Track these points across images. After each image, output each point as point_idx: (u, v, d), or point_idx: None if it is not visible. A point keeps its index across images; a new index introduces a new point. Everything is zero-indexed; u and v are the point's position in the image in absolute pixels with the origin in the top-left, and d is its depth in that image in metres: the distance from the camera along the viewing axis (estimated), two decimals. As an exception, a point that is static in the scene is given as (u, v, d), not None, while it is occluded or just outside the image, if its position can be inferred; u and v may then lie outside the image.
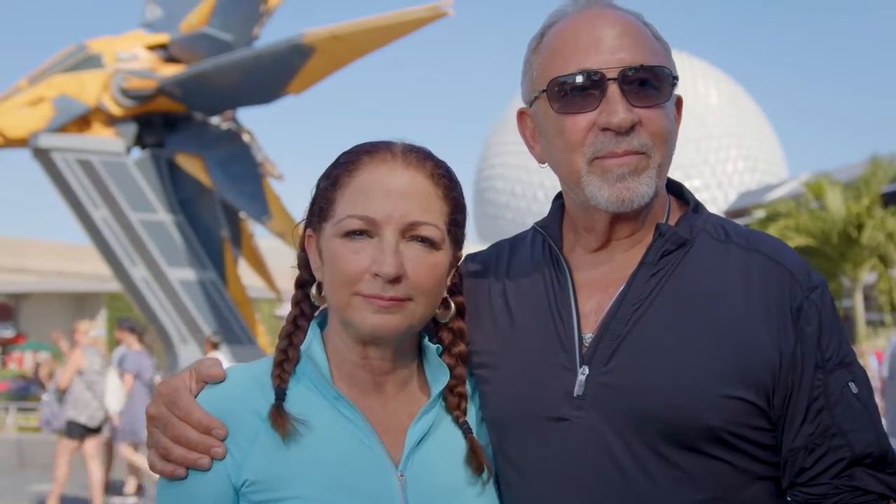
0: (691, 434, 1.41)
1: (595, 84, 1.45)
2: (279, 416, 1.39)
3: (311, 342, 1.47)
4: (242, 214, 18.45)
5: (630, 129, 1.45)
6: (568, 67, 1.47)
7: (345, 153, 1.50)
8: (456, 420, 1.51)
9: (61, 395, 10.03)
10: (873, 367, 9.95)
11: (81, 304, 37.17)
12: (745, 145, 63.95)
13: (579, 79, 1.46)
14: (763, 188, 46.50)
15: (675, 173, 1.64)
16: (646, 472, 1.41)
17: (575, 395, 1.46)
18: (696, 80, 65.02)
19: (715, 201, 57.20)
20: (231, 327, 16.91)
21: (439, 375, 1.50)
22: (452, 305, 1.53)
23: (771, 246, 1.52)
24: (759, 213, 29.47)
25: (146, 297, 17.44)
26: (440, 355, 1.51)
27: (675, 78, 1.50)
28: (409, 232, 1.43)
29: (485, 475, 1.49)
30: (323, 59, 15.81)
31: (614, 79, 1.45)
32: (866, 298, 28.68)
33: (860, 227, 25.21)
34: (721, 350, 1.42)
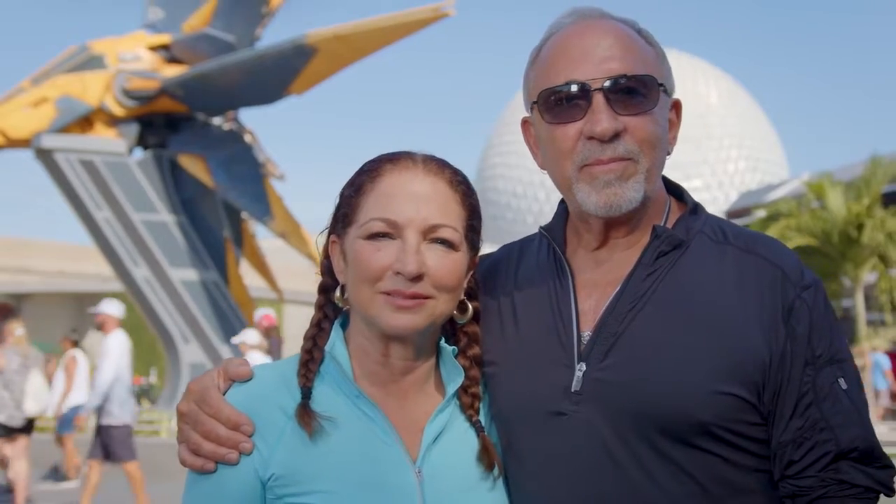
0: (684, 429, 1.44)
1: (582, 94, 1.51)
2: (306, 414, 1.44)
3: (335, 342, 1.53)
4: (244, 215, 18.50)
5: (615, 136, 1.50)
6: (558, 79, 1.53)
7: (368, 162, 1.57)
8: (469, 419, 1.56)
9: None
10: (884, 365, 10.00)
11: (83, 304, 37.13)
12: (746, 145, 63.97)
13: (566, 90, 1.52)
14: (764, 188, 46.52)
15: (674, 173, 1.69)
16: (641, 465, 1.46)
17: (573, 390, 1.51)
18: (696, 80, 65.00)
19: (716, 201, 57.20)
20: (233, 327, 16.95)
21: (454, 376, 1.55)
22: (469, 308, 1.59)
23: (768, 247, 1.56)
24: (760, 213, 29.52)
25: (148, 298, 17.48)
26: (455, 357, 1.57)
27: (662, 84, 1.55)
28: (430, 234, 1.49)
29: (495, 472, 1.54)
30: (325, 60, 15.86)
31: (599, 89, 1.50)
32: (867, 298, 28.70)
33: (860, 227, 25.24)
34: (713, 347, 1.46)
